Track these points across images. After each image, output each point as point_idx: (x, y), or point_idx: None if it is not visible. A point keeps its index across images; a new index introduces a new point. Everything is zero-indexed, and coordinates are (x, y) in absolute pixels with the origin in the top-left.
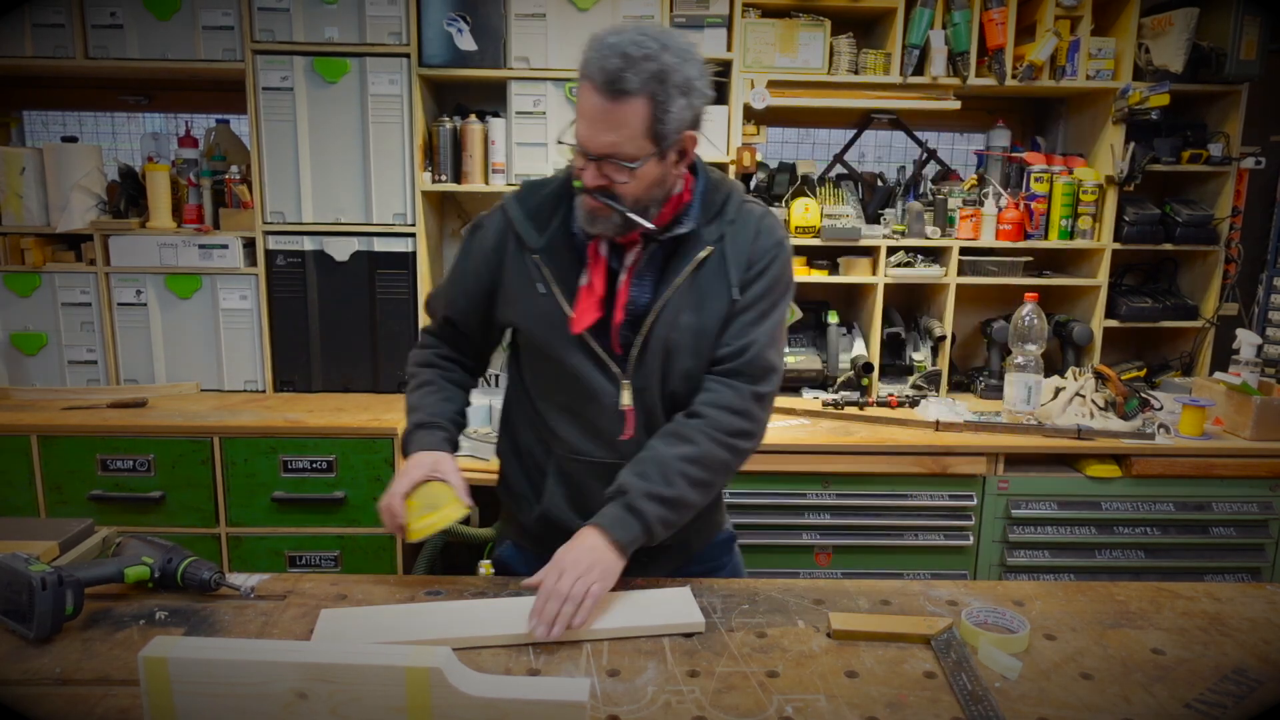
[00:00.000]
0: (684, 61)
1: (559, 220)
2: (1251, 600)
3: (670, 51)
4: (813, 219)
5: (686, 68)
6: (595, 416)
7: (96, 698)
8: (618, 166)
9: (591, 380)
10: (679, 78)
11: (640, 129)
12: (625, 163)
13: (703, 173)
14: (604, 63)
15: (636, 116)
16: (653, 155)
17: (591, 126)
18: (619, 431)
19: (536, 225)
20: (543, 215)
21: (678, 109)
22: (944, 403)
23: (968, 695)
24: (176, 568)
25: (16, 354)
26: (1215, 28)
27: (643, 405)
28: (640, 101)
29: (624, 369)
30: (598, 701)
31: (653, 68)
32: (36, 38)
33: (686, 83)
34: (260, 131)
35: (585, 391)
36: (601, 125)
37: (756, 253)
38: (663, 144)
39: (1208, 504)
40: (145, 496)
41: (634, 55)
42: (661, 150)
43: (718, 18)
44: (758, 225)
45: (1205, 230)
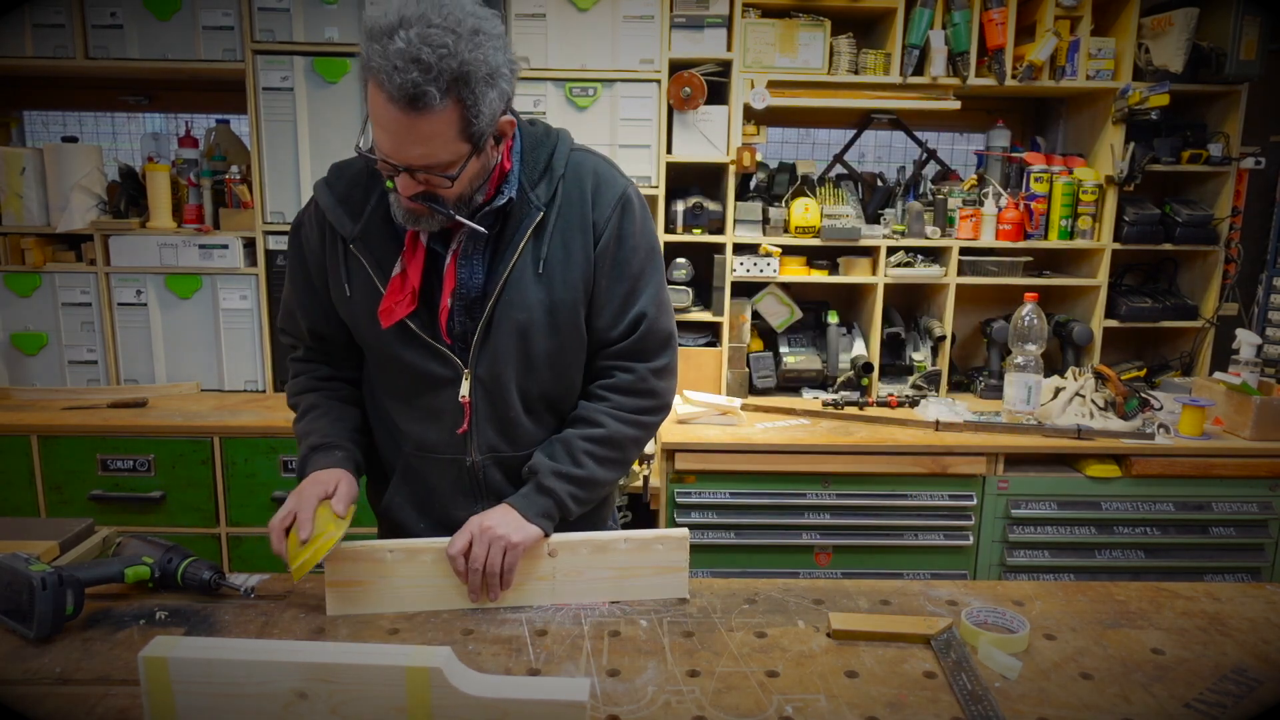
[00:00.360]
0: (483, 47)
1: (374, 202)
2: (1251, 600)
3: (466, 40)
4: (813, 219)
5: (488, 54)
6: (438, 410)
7: (96, 698)
8: (436, 176)
9: (430, 372)
10: (483, 70)
11: (452, 134)
12: (443, 174)
13: (520, 131)
14: (397, 76)
15: (445, 124)
16: (471, 153)
17: (395, 140)
18: (458, 424)
19: (349, 211)
20: (354, 199)
21: (489, 103)
22: (944, 403)
23: (968, 695)
24: (177, 568)
25: (17, 354)
26: (1215, 28)
27: (489, 395)
28: (447, 109)
29: (464, 358)
30: (598, 701)
31: (453, 67)
32: (36, 38)
33: (492, 71)
34: (260, 131)
35: (423, 384)
36: (407, 140)
37: (601, 211)
38: (479, 140)
39: (1208, 504)
40: (145, 496)
41: (429, 61)
42: (478, 146)
43: (718, 18)
44: (595, 178)
45: (1205, 230)
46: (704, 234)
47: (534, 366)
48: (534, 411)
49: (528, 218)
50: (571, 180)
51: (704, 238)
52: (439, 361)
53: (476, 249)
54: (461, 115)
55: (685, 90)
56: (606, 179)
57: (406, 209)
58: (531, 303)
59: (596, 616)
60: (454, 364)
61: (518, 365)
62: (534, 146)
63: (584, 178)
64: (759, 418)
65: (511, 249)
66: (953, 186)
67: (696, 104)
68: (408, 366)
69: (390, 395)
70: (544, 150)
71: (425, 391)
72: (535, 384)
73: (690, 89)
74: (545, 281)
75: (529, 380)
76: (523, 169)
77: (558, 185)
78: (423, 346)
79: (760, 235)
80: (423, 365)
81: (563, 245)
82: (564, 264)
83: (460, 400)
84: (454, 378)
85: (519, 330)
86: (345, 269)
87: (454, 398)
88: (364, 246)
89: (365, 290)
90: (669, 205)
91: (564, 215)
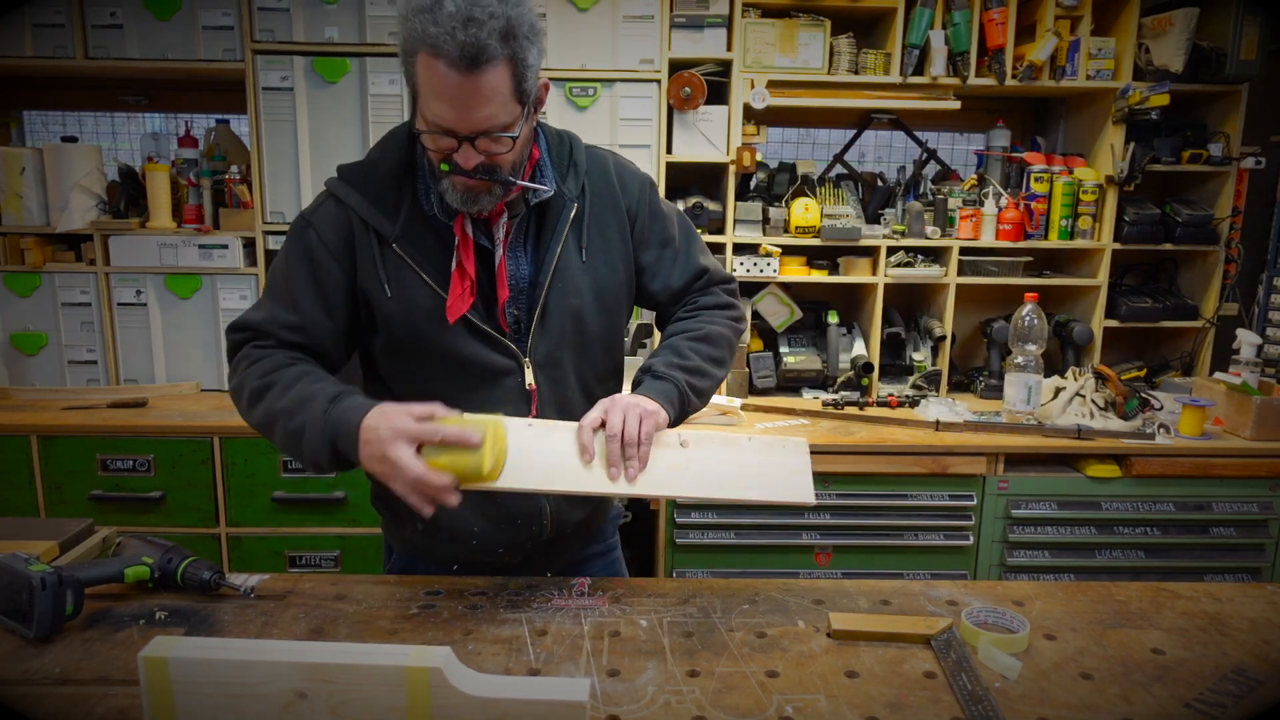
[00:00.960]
0: (520, 5)
1: (408, 202)
2: (1251, 600)
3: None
4: (813, 219)
5: (525, 11)
6: (497, 402)
7: (96, 698)
8: (496, 139)
9: (490, 363)
10: (525, 25)
11: (508, 93)
12: (504, 134)
13: (540, 127)
14: (458, 34)
15: (502, 82)
16: (523, 115)
17: (458, 106)
18: (526, 411)
19: (385, 210)
20: (388, 199)
21: (533, 58)
22: (944, 403)
23: (968, 695)
24: (176, 568)
25: (16, 354)
26: (1215, 28)
27: (552, 381)
28: (502, 65)
29: (522, 346)
30: (598, 701)
31: (501, 25)
32: (36, 38)
33: (532, 27)
34: (260, 131)
35: (483, 376)
36: (472, 103)
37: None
38: (527, 100)
39: (1208, 504)
40: (145, 496)
41: (481, 18)
42: (527, 108)
43: (718, 18)
44: (617, 169)
45: (1205, 230)
46: (704, 234)
47: (587, 347)
48: (588, 391)
49: (565, 209)
50: (596, 174)
51: (704, 238)
52: (500, 352)
53: (519, 241)
54: (514, 72)
55: (685, 90)
56: (628, 168)
57: (465, 189)
58: (582, 288)
59: (596, 616)
60: (514, 353)
61: (573, 348)
62: (557, 144)
63: (607, 171)
64: (759, 418)
65: (555, 240)
66: (953, 186)
67: (696, 104)
68: (468, 361)
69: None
70: (565, 148)
71: (483, 384)
72: (589, 364)
73: (690, 89)
74: (590, 268)
75: (583, 360)
76: (553, 163)
77: (584, 179)
78: (484, 338)
79: (760, 235)
80: (484, 357)
81: (600, 234)
82: (604, 250)
83: (527, 388)
84: (514, 367)
85: (573, 314)
86: (383, 270)
87: (514, 388)
88: (407, 245)
89: (412, 289)
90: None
91: (596, 206)
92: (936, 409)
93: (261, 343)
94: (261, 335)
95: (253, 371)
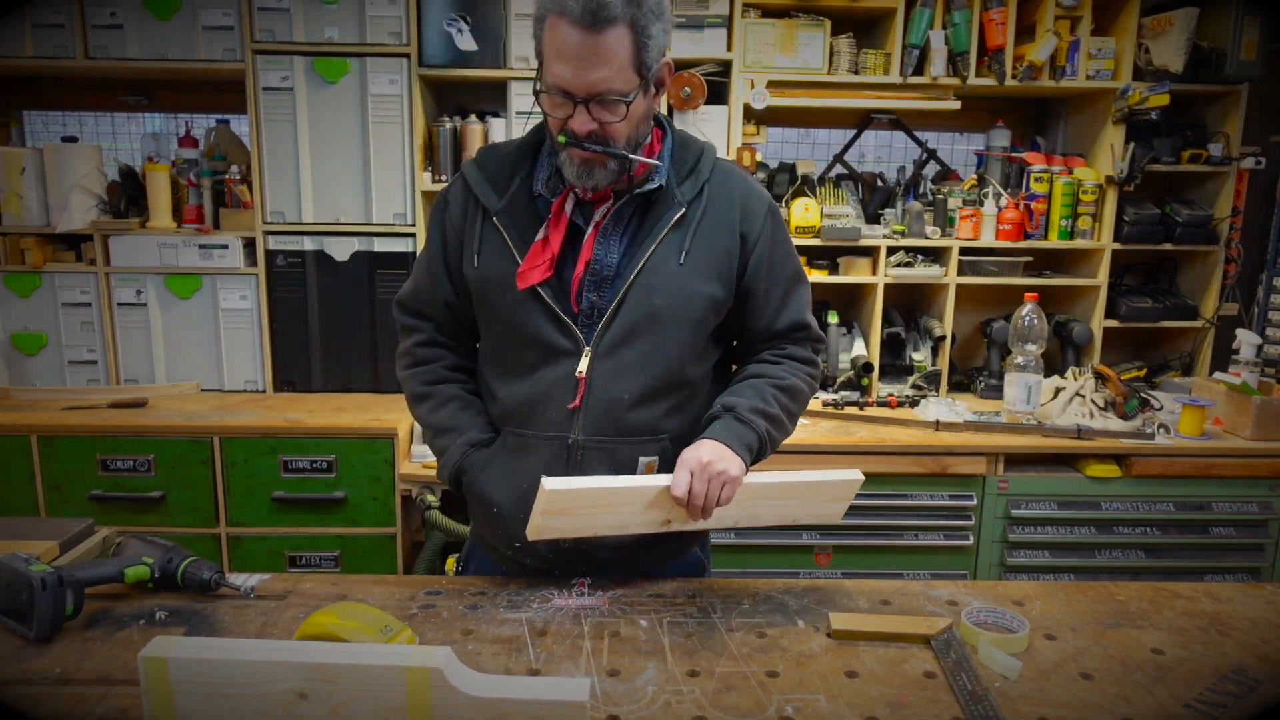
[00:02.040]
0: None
1: (519, 181)
2: (1251, 600)
3: None
4: (813, 219)
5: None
6: (551, 383)
7: (96, 698)
8: (609, 105)
9: (552, 343)
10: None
11: (627, 59)
12: (619, 98)
13: (670, 129)
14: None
15: (622, 46)
16: (640, 88)
17: (577, 65)
18: (569, 399)
19: (495, 187)
20: (501, 177)
21: (657, 33)
22: (944, 403)
23: (968, 695)
24: (176, 568)
25: (17, 354)
26: (1215, 28)
27: (606, 375)
28: (623, 29)
29: (587, 335)
30: (598, 701)
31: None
32: (36, 38)
33: (659, 3)
34: (260, 131)
35: (543, 355)
36: (589, 62)
37: (751, 221)
38: (647, 75)
39: (1208, 504)
40: (145, 496)
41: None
42: (646, 82)
43: (718, 18)
44: (744, 188)
45: (1205, 230)
46: None
47: (658, 351)
48: (645, 400)
49: (671, 210)
50: (718, 185)
51: None
52: (563, 333)
53: (616, 229)
54: (635, 40)
55: (685, 90)
56: (755, 192)
57: (580, 161)
58: (671, 289)
59: (596, 616)
60: (577, 337)
61: (643, 348)
62: (683, 146)
63: (732, 187)
64: None
65: (653, 236)
66: (953, 186)
67: (696, 104)
68: (531, 337)
69: (502, 371)
70: (692, 152)
71: (542, 363)
72: (653, 370)
73: (690, 89)
74: (687, 273)
75: (649, 365)
76: (672, 164)
77: (703, 187)
78: (550, 316)
79: None
80: (546, 335)
81: (706, 245)
82: (706, 262)
83: (577, 375)
84: (574, 351)
85: (652, 314)
86: (480, 239)
87: (571, 372)
88: (507, 219)
89: (500, 259)
90: None
91: (710, 216)
92: (936, 409)
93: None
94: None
95: (417, 375)
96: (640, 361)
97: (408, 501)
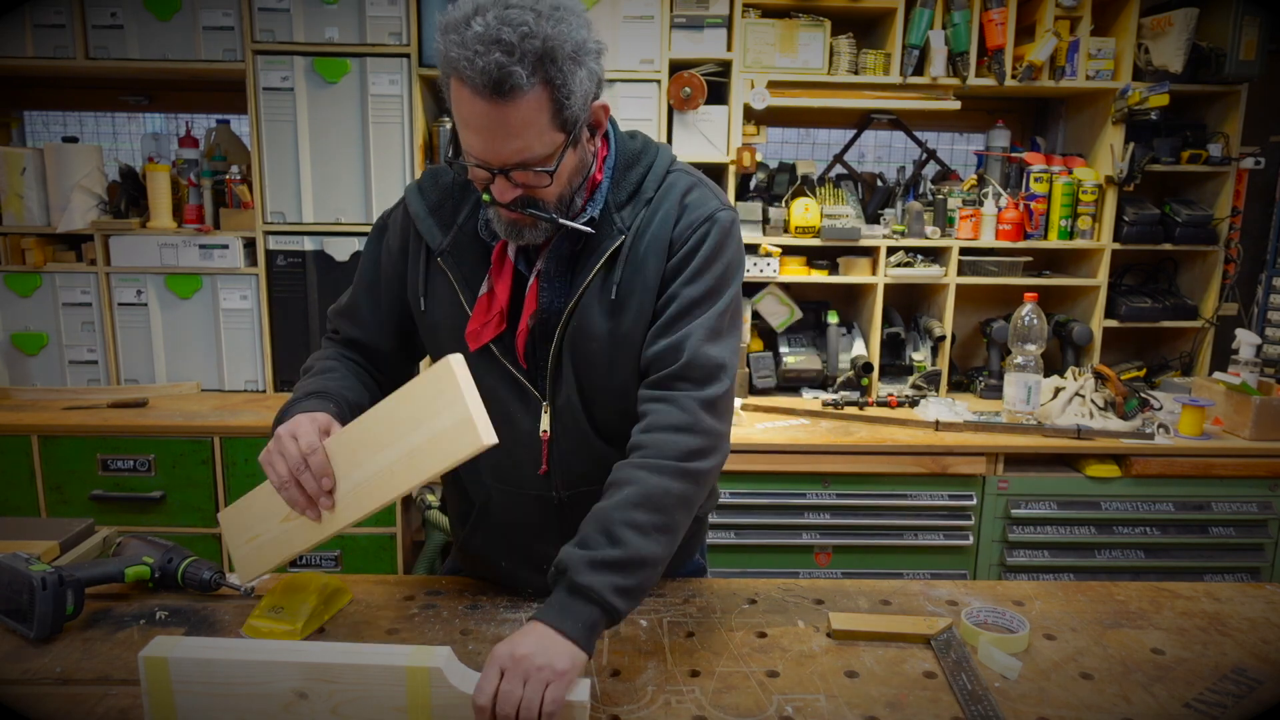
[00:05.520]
0: (565, 22)
1: (466, 213)
2: (1251, 600)
3: (547, 17)
4: (813, 219)
5: (572, 29)
6: (516, 442)
7: (96, 698)
8: (533, 173)
9: (507, 403)
10: (569, 46)
11: (545, 121)
12: (540, 168)
13: (615, 143)
14: (479, 60)
15: (537, 111)
16: (567, 144)
17: (487, 138)
18: (538, 464)
19: (440, 222)
20: (445, 211)
21: (579, 83)
22: (944, 403)
23: (968, 695)
24: (177, 567)
25: (17, 354)
26: (1215, 28)
27: (568, 428)
28: (536, 93)
29: (540, 388)
30: (598, 701)
31: (536, 46)
32: (37, 38)
33: (578, 48)
34: (260, 131)
35: (500, 414)
36: (499, 134)
37: (681, 229)
38: (573, 128)
39: (1207, 504)
40: (145, 496)
41: (510, 40)
42: (574, 135)
43: (718, 18)
44: (681, 202)
45: (1205, 230)
46: None
47: (609, 398)
48: (614, 438)
49: (608, 240)
50: (658, 203)
51: None
52: (518, 392)
53: (559, 271)
54: (552, 98)
55: (685, 90)
56: (695, 202)
57: (508, 221)
58: (599, 332)
59: None
60: (531, 395)
61: (592, 396)
62: (628, 165)
63: (671, 200)
64: (759, 418)
65: (584, 273)
66: (953, 186)
67: (696, 104)
68: (488, 395)
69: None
70: (637, 170)
71: (505, 423)
72: (611, 414)
73: (690, 89)
74: (615, 309)
75: (604, 411)
76: (611, 188)
77: (643, 211)
78: (503, 375)
79: (760, 235)
80: (502, 394)
81: (637, 271)
82: (638, 292)
83: (541, 435)
84: (533, 408)
85: (587, 360)
86: (425, 282)
87: (533, 431)
88: (452, 260)
89: (447, 306)
90: None
91: (642, 239)
92: (936, 409)
93: (334, 333)
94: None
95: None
96: (593, 410)
97: (408, 501)
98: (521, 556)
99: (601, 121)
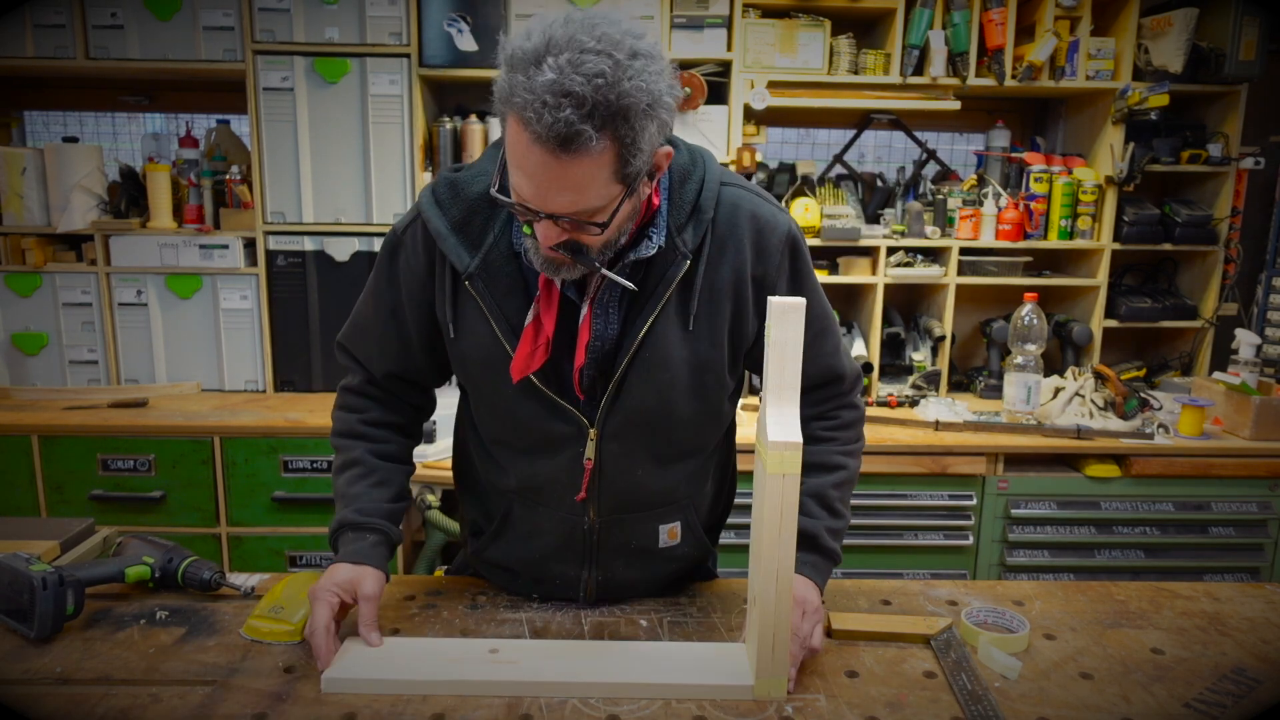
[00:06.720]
0: (644, 74)
1: (497, 230)
2: (1251, 600)
3: (625, 69)
4: (813, 219)
5: (649, 80)
6: (554, 469)
7: (97, 698)
8: (583, 226)
9: (550, 430)
10: (644, 101)
11: (606, 176)
12: (592, 222)
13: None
14: (547, 114)
15: (599, 167)
16: (624, 199)
17: (542, 187)
18: (576, 489)
19: (467, 240)
20: (473, 226)
21: (648, 138)
22: (944, 403)
23: (968, 695)
24: (177, 567)
25: (17, 354)
26: (1215, 28)
27: (616, 457)
28: (603, 150)
29: (590, 416)
30: (598, 701)
31: (610, 100)
32: (37, 38)
33: (654, 101)
34: (261, 132)
35: (541, 441)
36: (555, 186)
37: (767, 261)
38: (634, 180)
39: (1207, 504)
40: (146, 496)
41: (583, 94)
42: (632, 187)
43: (718, 18)
44: (754, 222)
45: (1205, 230)
46: None
47: (674, 427)
48: (660, 474)
49: (674, 266)
50: (725, 225)
51: None
52: (563, 419)
53: (613, 297)
54: (617, 155)
55: (685, 90)
56: (768, 222)
57: (547, 258)
58: (676, 361)
59: (596, 616)
60: (580, 422)
61: (653, 426)
62: (681, 180)
63: (740, 223)
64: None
65: (654, 300)
66: (952, 186)
67: (696, 104)
68: (524, 423)
69: (502, 445)
70: (692, 185)
71: (541, 450)
72: (672, 444)
73: (690, 89)
74: (694, 339)
75: (665, 441)
76: (670, 209)
77: (706, 229)
78: (545, 402)
79: None
80: (544, 423)
81: (712, 299)
82: (713, 320)
83: (584, 463)
84: (578, 436)
85: (659, 390)
86: (453, 307)
87: (575, 458)
88: (482, 285)
89: (480, 336)
90: None
91: (715, 265)
92: (936, 409)
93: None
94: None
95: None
96: (650, 439)
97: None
98: (537, 574)
99: (662, 166)
